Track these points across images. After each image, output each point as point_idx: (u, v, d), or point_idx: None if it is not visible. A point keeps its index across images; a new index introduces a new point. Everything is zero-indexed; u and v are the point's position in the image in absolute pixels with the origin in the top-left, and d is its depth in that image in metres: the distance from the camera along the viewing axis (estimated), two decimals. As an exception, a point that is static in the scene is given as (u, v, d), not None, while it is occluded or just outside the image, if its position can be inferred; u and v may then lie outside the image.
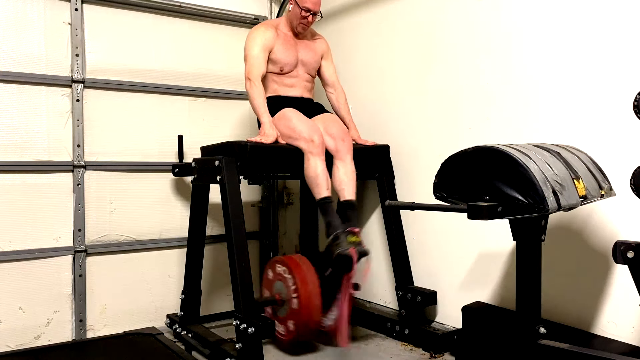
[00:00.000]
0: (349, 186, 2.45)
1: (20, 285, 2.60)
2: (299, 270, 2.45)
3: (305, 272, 2.45)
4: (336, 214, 2.38)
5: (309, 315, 2.40)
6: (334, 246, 2.28)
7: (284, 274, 2.49)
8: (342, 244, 2.27)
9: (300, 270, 2.45)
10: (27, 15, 2.63)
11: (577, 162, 1.72)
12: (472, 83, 2.48)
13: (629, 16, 1.93)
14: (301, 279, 2.42)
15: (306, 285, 2.41)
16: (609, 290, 2.01)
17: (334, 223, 2.34)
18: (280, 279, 2.52)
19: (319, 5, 2.65)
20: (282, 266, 2.52)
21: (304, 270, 2.45)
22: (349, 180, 2.46)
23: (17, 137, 2.61)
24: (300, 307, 2.39)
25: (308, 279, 2.43)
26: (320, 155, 2.43)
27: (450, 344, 2.45)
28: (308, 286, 2.41)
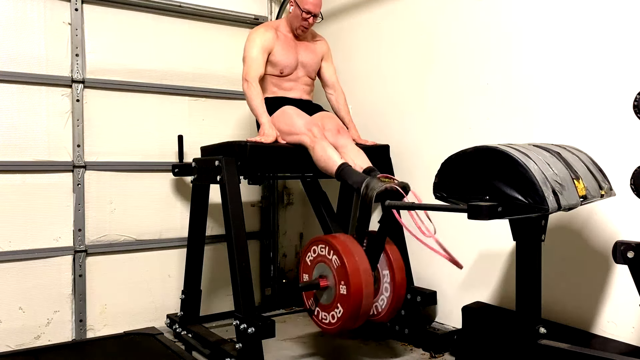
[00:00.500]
0: (361, 160, 2.40)
1: (20, 285, 2.60)
2: (340, 243, 2.13)
3: (348, 243, 2.14)
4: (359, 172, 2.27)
5: (360, 302, 2.07)
6: (370, 191, 2.08)
7: (324, 253, 2.18)
8: (377, 184, 2.08)
9: (341, 243, 2.13)
10: (27, 15, 2.63)
11: (577, 162, 1.72)
12: (472, 83, 2.48)
13: (629, 16, 1.93)
14: (345, 251, 2.09)
15: (352, 257, 2.08)
16: (609, 290, 2.01)
17: (361, 178, 2.17)
18: (321, 260, 2.20)
19: (319, 7, 2.65)
20: (320, 244, 2.21)
21: (346, 242, 2.14)
22: (359, 157, 2.42)
23: (17, 137, 2.61)
24: (349, 281, 2.04)
25: (353, 250, 2.11)
26: (324, 139, 2.40)
27: (450, 344, 2.45)
28: (354, 257, 2.08)
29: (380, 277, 2.34)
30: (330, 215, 2.69)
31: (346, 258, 2.07)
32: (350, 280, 2.04)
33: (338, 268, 2.09)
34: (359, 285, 2.05)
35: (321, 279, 2.17)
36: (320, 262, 2.21)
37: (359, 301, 2.06)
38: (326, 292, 2.17)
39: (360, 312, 2.09)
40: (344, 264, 2.06)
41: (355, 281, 2.05)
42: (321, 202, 2.71)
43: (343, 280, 2.07)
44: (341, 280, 2.08)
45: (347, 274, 2.05)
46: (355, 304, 2.06)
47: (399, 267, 2.30)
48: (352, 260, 2.07)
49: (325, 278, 2.17)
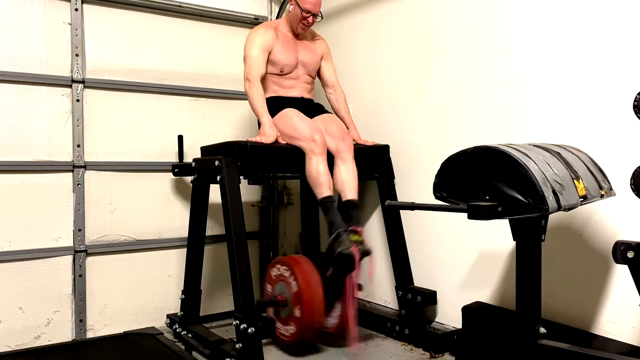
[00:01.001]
0: (350, 186, 2.45)
1: (20, 285, 2.60)
2: (301, 271, 2.42)
3: (308, 272, 2.41)
4: (338, 213, 2.37)
5: (312, 317, 2.38)
6: (336, 245, 2.26)
7: (286, 275, 2.47)
8: (345, 242, 2.25)
9: (302, 271, 2.42)
10: (27, 15, 2.63)
11: (577, 162, 1.72)
12: (472, 83, 2.48)
13: (629, 16, 1.93)
14: (303, 280, 2.39)
15: (309, 286, 2.38)
16: (609, 290, 2.01)
17: (336, 222, 2.32)
18: (283, 280, 2.49)
19: (319, 7, 2.65)
20: (284, 266, 2.49)
21: (306, 271, 2.42)
22: (350, 180, 2.46)
23: (17, 137, 2.61)
24: (303, 308, 2.37)
25: (310, 279, 2.40)
26: (322, 154, 2.43)
27: (450, 344, 2.45)
28: (310, 287, 2.38)
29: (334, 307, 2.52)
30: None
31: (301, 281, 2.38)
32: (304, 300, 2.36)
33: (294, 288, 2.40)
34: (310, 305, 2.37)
35: (280, 296, 2.48)
36: (280, 281, 2.50)
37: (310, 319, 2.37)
38: (284, 308, 2.47)
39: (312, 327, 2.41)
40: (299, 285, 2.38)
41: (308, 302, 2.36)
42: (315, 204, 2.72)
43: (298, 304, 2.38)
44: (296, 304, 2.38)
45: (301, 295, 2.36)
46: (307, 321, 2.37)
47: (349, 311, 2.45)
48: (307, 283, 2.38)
49: (283, 296, 2.47)
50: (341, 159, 2.49)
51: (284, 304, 2.46)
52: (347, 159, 2.50)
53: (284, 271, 2.49)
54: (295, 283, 2.41)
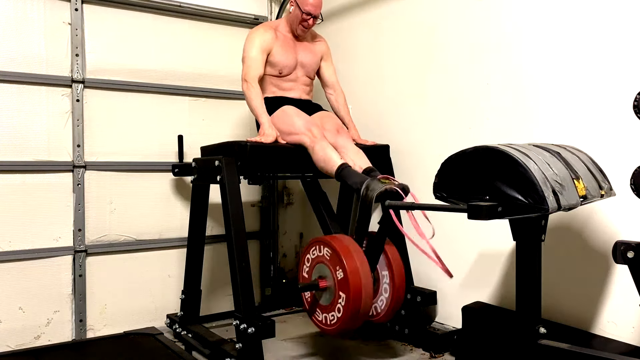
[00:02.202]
0: (361, 160, 2.41)
1: (20, 285, 2.60)
2: (345, 250, 2.10)
3: (353, 252, 2.11)
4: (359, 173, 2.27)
5: (359, 302, 2.06)
6: (370, 192, 2.09)
7: (326, 254, 2.17)
8: (377, 186, 2.09)
9: (346, 250, 2.10)
10: (27, 15, 2.63)
11: (577, 162, 1.72)
12: (472, 83, 2.48)
13: (629, 16, 1.93)
14: (347, 256, 2.08)
15: (356, 268, 2.06)
16: (609, 290, 2.01)
17: (361, 179, 2.18)
18: (322, 261, 2.18)
19: (319, 9, 2.65)
20: (322, 246, 2.19)
21: (351, 250, 2.11)
22: (359, 156, 2.43)
23: (17, 137, 2.61)
24: (350, 292, 2.04)
25: (355, 255, 2.09)
26: (323, 139, 2.41)
27: (450, 344, 2.45)
28: (358, 269, 2.06)
29: (380, 277, 2.33)
30: (330, 216, 2.69)
31: (345, 259, 2.06)
32: (350, 281, 2.03)
33: (337, 269, 2.09)
34: (358, 286, 2.04)
35: (320, 279, 2.17)
36: (319, 263, 2.20)
37: (358, 302, 2.05)
38: (325, 293, 2.16)
39: (360, 314, 2.08)
40: (344, 265, 2.05)
41: (355, 282, 2.04)
42: (321, 202, 2.71)
43: (343, 281, 2.06)
44: (341, 282, 2.07)
45: (347, 275, 2.04)
46: (354, 305, 2.05)
47: (399, 268, 2.30)
48: (352, 261, 2.07)
49: (324, 279, 2.16)
50: (342, 147, 2.47)
51: (325, 289, 2.17)
52: (347, 145, 2.48)
53: (323, 250, 2.18)
54: (338, 264, 2.10)
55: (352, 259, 2.08)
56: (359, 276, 2.06)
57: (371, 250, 2.23)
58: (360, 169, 2.34)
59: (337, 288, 2.09)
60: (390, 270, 2.30)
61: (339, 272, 2.09)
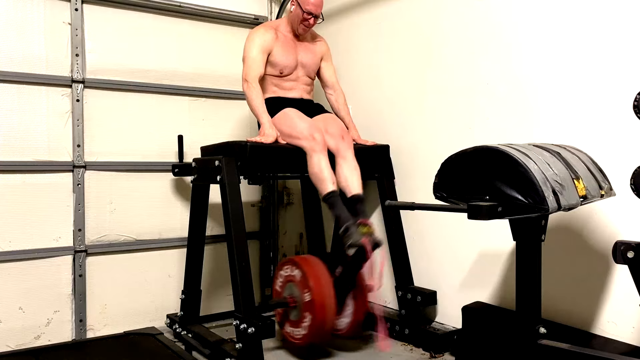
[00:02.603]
0: (354, 181, 2.43)
1: (20, 285, 2.60)
2: (311, 271, 2.34)
3: (319, 272, 2.34)
4: (344, 208, 2.33)
5: (324, 318, 2.31)
6: (346, 238, 2.22)
7: (296, 275, 2.40)
8: (355, 235, 2.21)
9: (313, 271, 2.34)
10: (27, 15, 2.63)
11: (577, 162, 1.72)
12: (471, 83, 2.48)
13: (629, 16, 1.93)
14: (315, 281, 2.31)
15: (320, 287, 2.30)
16: (609, 290, 2.01)
17: (343, 216, 2.28)
18: (293, 281, 2.42)
19: (321, 8, 2.65)
20: (294, 267, 2.42)
21: (317, 271, 2.35)
22: (353, 176, 2.44)
23: (17, 137, 2.61)
24: (315, 309, 2.29)
25: (322, 280, 2.32)
26: (323, 151, 2.42)
27: (450, 344, 2.45)
28: (322, 288, 2.30)
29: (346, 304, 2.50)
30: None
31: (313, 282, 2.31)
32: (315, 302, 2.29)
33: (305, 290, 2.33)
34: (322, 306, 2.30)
35: (290, 297, 2.42)
36: (290, 282, 2.43)
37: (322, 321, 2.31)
38: (294, 310, 2.41)
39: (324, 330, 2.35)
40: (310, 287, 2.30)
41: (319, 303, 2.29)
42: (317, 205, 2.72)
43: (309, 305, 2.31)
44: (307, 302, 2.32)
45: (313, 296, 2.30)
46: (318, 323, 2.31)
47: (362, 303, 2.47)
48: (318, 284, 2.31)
49: (294, 297, 2.41)
50: (342, 157, 2.49)
51: (294, 306, 2.40)
52: (347, 156, 2.49)
53: (294, 271, 2.42)
54: (304, 280, 2.34)
55: (318, 283, 2.32)
56: (323, 298, 2.30)
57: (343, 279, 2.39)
58: (350, 193, 2.40)
59: (304, 308, 2.34)
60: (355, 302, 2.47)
61: (306, 293, 2.32)
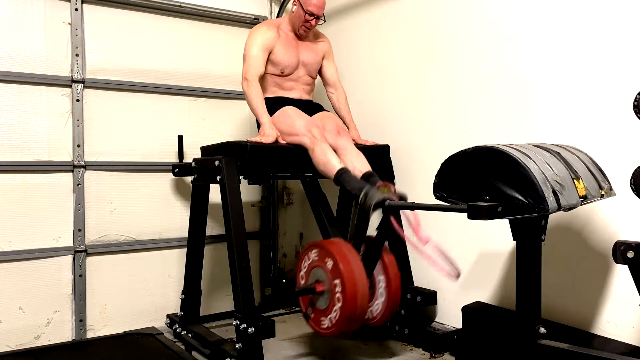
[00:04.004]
0: (360, 163, 2.39)
1: (20, 285, 2.60)
2: (341, 254, 2.12)
3: (349, 256, 2.13)
4: (358, 179, 2.27)
5: (355, 305, 2.08)
6: (368, 200, 2.10)
7: (324, 260, 2.18)
8: (376, 194, 2.10)
9: (342, 254, 2.12)
10: (27, 15, 2.63)
11: (577, 162, 1.72)
12: (472, 83, 2.48)
13: (629, 16, 1.93)
14: (345, 264, 2.09)
15: (351, 271, 2.08)
16: (609, 290, 2.01)
17: (360, 184, 2.20)
18: (319, 266, 2.20)
19: (322, 10, 2.64)
20: (320, 250, 2.20)
21: (347, 254, 2.13)
22: (359, 160, 2.41)
23: (17, 137, 2.61)
24: (346, 295, 2.06)
25: (353, 263, 2.11)
26: (323, 141, 2.40)
27: (450, 344, 2.45)
28: (354, 272, 2.08)
29: (376, 282, 2.33)
30: (328, 217, 2.70)
31: (342, 264, 2.08)
32: (346, 286, 2.05)
33: (334, 274, 2.10)
34: (354, 291, 2.06)
35: (317, 284, 2.18)
36: (316, 267, 2.21)
37: (354, 307, 2.07)
38: (322, 297, 2.18)
39: (355, 318, 2.10)
40: (340, 270, 2.07)
41: (351, 288, 2.06)
42: (320, 203, 2.71)
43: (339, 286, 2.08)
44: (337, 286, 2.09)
45: (343, 280, 2.06)
46: (350, 310, 2.07)
47: (395, 273, 2.31)
48: (348, 266, 2.08)
49: (321, 283, 2.17)
50: (342, 148, 2.46)
51: (322, 292, 2.18)
52: (348, 147, 2.47)
53: (321, 256, 2.20)
54: (334, 265, 2.12)
55: (348, 265, 2.09)
56: (355, 281, 2.07)
57: (368, 255, 2.23)
58: (360, 173, 2.33)
59: (334, 292, 2.11)
60: (387, 275, 2.30)
61: (336, 277, 2.10)
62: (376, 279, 2.33)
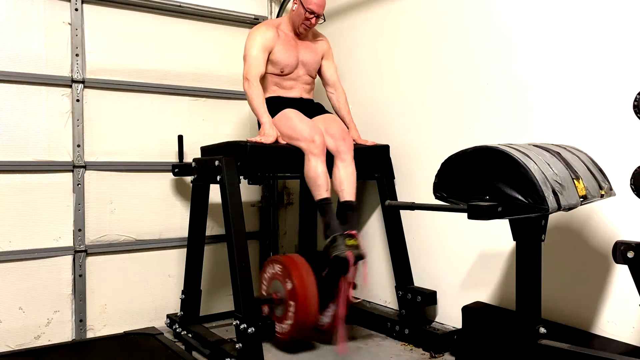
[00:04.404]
0: (349, 187, 2.45)
1: (20, 285, 2.60)
2: (296, 270, 2.45)
3: (303, 271, 2.46)
4: (335, 216, 2.39)
5: (306, 315, 2.42)
6: (332, 248, 2.30)
7: (281, 273, 2.50)
8: (340, 246, 2.29)
9: (297, 270, 2.45)
10: (27, 15, 2.63)
11: (577, 162, 1.72)
12: (472, 83, 2.48)
13: (629, 16, 1.93)
14: (298, 279, 2.43)
15: (303, 285, 2.42)
16: (609, 290, 2.01)
17: (333, 225, 2.35)
18: (278, 278, 2.53)
19: (323, 8, 2.64)
20: (279, 265, 2.53)
21: (301, 270, 2.46)
22: (349, 181, 2.46)
23: (17, 137, 2.61)
24: (297, 306, 2.41)
25: (305, 278, 2.43)
26: (321, 155, 2.43)
27: (450, 344, 2.45)
28: (305, 286, 2.42)
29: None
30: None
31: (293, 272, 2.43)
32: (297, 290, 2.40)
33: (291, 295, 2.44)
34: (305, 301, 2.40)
35: (275, 293, 2.52)
36: (276, 279, 2.53)
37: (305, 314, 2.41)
38: (278, 307, 2.51)
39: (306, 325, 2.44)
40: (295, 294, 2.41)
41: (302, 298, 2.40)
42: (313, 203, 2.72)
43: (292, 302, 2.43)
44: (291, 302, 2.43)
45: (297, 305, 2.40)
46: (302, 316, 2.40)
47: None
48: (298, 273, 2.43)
49: (279, 294, 2.51)
50: (341, 159, 2.49)
51: (279, 302, 2.51)
52: (346, 159, 2.50)
53: (279, 269, 2.53)
54: (289, 281, 2.44)
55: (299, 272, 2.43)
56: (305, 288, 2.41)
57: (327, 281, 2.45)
58: (342, 198, 2.45)
59: (288, 298, 2.45)
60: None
61: (289, 284, 2.43)
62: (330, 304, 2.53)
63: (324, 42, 2.86)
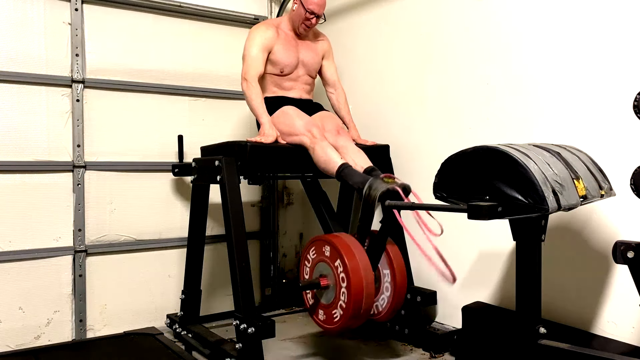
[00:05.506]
0: (362, 160, 2.39)
1: (20, 285, 2.60)
2: (346, 248, 2.09)
3: (354, 250, 2.10)
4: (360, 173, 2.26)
5: (361, 301, 2.05)
6: (373, 192, 2.07)
7: (328, 254, 2.15)
8: (380, 185, 2.07)
9: (347, 248, 2.09)
10: (27, 15, 2.63)
11: (577, 162, 1.72)
12: (472, 83, 2.48)
13: (629, 16, 1.93)
14: (352, 260, 2.06)
15: (357, 267, 2.04)
16: (609, 290, 2.01)
17: (363, 178, 2.17)
18: (325, 260, 2.17)
19: (323, 8, 2.64)
20: (327, 245, 2.17)
21: (353, 250, 2.10)
22: (359, 157, 2.40)
23: (17, 137, 2.61)
24: (351, 292, 2.03)
25: (358, 258, 2.07)
26: (324, 139, 2.40)
27: (450, 344, 2.45)
28: (360, 268, 2.05)
29: (381, 276, 2.33)
30: (330, 215, 2.69)
31: (347, 257, 2.05)
32: (352, 280, 2.02)
33: (339, 267, 2.07)
34: (359, 285, 2.03)
35: (322, 278, 2.16)
36: (321, 262, 2.19)
37: (359, 301, 2.04)
38: (327, 292, 2.15)
39: (361, 312, 2.07)
40: (345, 264, 2.04)
41: (356, 281, 2.03)
42: (321, 202, 2.71)
43: (344, 279, 2.05)
44: (342, 280, 2.06)
45: (349, 274, 2.03)
46: (356, 304, 2.04)
47: (400, 267, 2.30)
48: (353, 259, 2.06)
49: (325, 277, 2.15)
50: (342, 147, 2.45)
51: (326, 287, 2.15)
52: (348, 145, 2.47)
53: (322, 249, 2.18)
54: (339, 260, 2.08)
55: (353, 257, 2.06)
56: (360, 274, 2.04)
57: (373, 249, 2.22)
58: (362, 169, 2.32)
59: (339, 286, 2.08)
60: (392, 269, 2.29)
61: (341, 270, 2.07)
62: (381, 273, 2.32)
63: (325, 42, 2.85)
